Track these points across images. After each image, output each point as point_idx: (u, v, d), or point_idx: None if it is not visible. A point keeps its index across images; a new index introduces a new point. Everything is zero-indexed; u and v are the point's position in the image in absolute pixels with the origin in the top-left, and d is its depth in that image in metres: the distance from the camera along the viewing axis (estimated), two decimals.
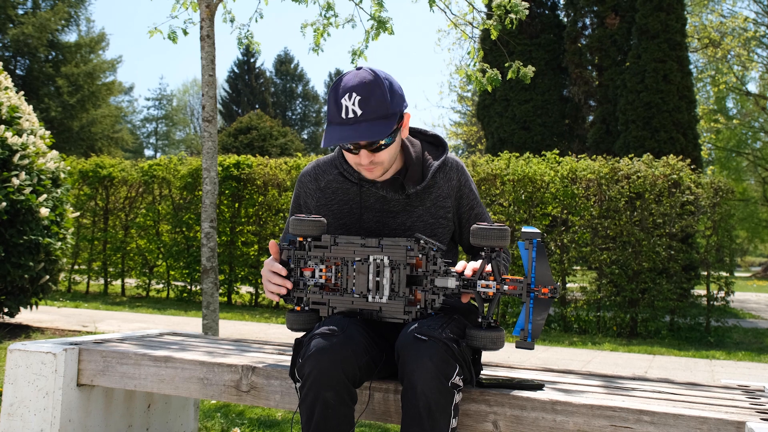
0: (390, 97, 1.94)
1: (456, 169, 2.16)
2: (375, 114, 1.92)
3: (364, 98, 1.91)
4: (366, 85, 1.92)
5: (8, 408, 2.45)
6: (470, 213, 2.18)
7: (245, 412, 3.71)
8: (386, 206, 2.12)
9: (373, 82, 1.93)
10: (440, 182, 2.13)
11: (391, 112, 1.93)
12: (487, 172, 8.64)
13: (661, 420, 1.74)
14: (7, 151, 5.87)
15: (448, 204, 2.14)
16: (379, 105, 1.92)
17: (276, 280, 2.02)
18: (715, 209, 8.15)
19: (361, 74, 1.95)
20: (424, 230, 2.11)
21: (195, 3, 5.24)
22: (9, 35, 30.21)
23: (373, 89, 1.92)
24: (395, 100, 1.96)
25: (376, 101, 1.92)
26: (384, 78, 1.96)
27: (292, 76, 53.89)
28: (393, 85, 1.98)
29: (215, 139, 4.56)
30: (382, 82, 1.94)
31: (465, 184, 2.17)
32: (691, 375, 5.67)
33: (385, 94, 1.93)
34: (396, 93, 1.97)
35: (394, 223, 2.12)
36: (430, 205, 2.12)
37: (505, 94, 17.30)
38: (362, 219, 2.14)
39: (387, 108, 1.93)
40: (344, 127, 1.93)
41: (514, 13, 4.91)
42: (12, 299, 6.19)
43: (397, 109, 1.96)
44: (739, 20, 21.88)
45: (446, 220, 2.14)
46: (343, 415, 1.79)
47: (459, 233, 2.22)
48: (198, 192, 10.35)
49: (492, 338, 1.82)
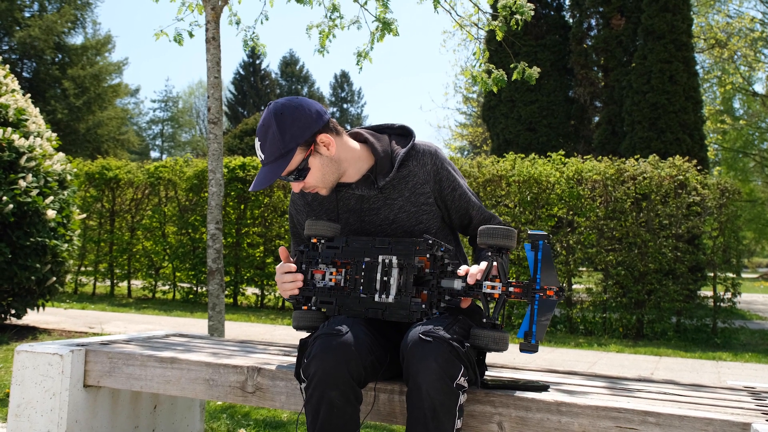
0: (281, 134, 1.99)
1: (428, 153, 2.16)
2: (272, 156, 2.01)
3: (262, 143, 2.03)
4: (262, 128, 2.03)
5: (15, 409, 2.46)
6: (453, 194, 2.17)
7: (251, 413, 3.71)
8: (365, 205, 2.15)
9: (267, 125, 2.02)
10: (414, 169, 2.13)
11: (285, 150, 2.00)
12: (492, 173, 8.63)
13: (667, 421, 1.74)
14: (14, 153, 5.90)
15: (427, 190, 2.13)
16: (272, 147, 2.00)
17: (289, 278, 2.07)
18: (722, 210, 8.12)
19: (263, 115, 2.05)
20: (408, 220, 2.12)
21: (200, 5, 5.26)
22: (16, 38, 30.34)
23: (267, 132, 2.02)
24: (289, 134, 2.00)
25: (269, 144, 2.01)
26: (279, 115, 2.01)
27: (297, 78, 53.95)
28: (287, 119, 2.01)
29: (221, 141, 4.57)
30: (272, 123, 2.00)
31: (441, 167, 2.15)
32: (697, 376, 5.65)
33: (275, 135, 2.00)
34: (292, 126, 2.01)
35: (378, 219, 2.14)
36: (409, 195, 2.12)
37: (510, 95, 17.29)
38: (348, 223, 2.17)
39: (280, 148, 1.99)
40: (260, 169, 2.06)
41: (519, 14, 4.90)
42: (19, 301, 6.22)
43: (292, 144, 2.00)
44: (745, 20, 21.81)
45: (428, 206, 2.14)
46: (348, 415, 1.79)
47: (448, 217, 2.22)
48: (204, 194, 10.38)
49: (495, 338, 1.81)
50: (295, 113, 2.02)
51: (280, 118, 2.01)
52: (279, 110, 2.02)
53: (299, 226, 2.29)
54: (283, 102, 2.04)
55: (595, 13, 16.73)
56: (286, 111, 2.02)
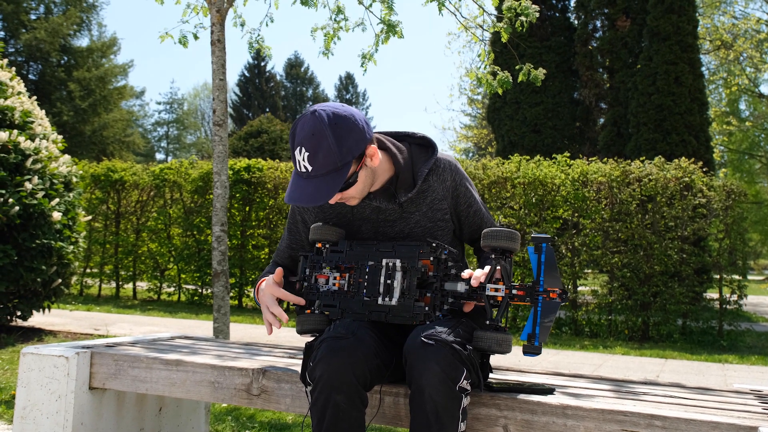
0: (338, 147, 1.86)
1: (449, 169, 2.12)
2: (324, 169, 1.87)
3: (311, 154, 1.86)
4: (312, 138, 1.86)
5: (21, 411, 2.47)
6: (469, 210, 2.16)
7: (256, 415, 3.71)
8: (381, 216, 2.11)
9: (320, 135, 1.85)
10: (434, 185, 2.10)
11: (341, 164, 1.87)
12: (497, 175, 8.62)
13: (673, 425, 1.73)
14: (20, 155, 5.91)
15: (445, 206, 2.11)
16: (326, 160, 1.86)
17: (275, 310, 2.05)
18: (728, 212, 8.09)
19: (310, 123, 1.87)
20: (422, 234, 2.10)
21: (206, 8, 5.27)
22: (22, 40, 30.46)
23: (320, 143, 1.85)
24: (346, 147, 1.87)
25: (323, 156, 1.86)
26: (333, 125, 1.87)
27: (302, 80, 54.04)
28: (343, 129, 1.87)
29: (226, 143, 4.58)
30: (328, 134, 1.85)
31: (460, 183, 2.13)
32: (703, 379, 5.63)
33: (332, 147, 1.85)
34: (347, 138, 1.88)
35: (392, 231, 2.11)
36: (426, 210, 2.10)
37: (515, 97, 17.28)
38: (360, 231, 2.14)
39: (336, 162, 1.86)
40: (300, 180, 1.91)
41: (524, 15, 4.90)
42: (25, 302, 6.24)
43: (348, 157, 1.87)
44: (751, 22, 21.75)
45: (444, 222, 2.12)
46: (353, 419, 1.79)
47: (459, 231, 2.21)
48: (209, 195, 10.39)
49: (497, 340, 1.81)
50: (348, 123, 1.89)
51: (336, 128, 1.86)
52: (333, 120, 1.87)
53: (303, 224, 2.23)
54: (333, 110, 1.89)
55: (600, 15, 16.70)
56: (340, 121, 1.88)
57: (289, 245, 2.29)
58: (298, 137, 1.89)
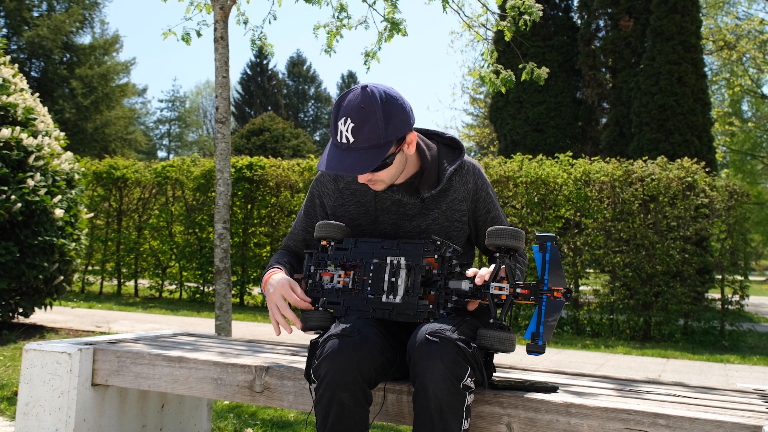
0: (385, 125, 1.88)
1: (473, 172, 2.14)
2: (366, 143, 1.88)
3: (357, 126, 1.87)
4: (361, 111, 1.87)
5: (24, 407, 2.47)
6: (487, 216, 2.17)
7: (258, 412, 3.71)
8: (402, 209, 2.12)
9: (369, 109, 1.87)
10: (456, 185, 2.12)
11: (384, 141, 1.89)
12: (499, 174, 8.62)
13: (677, 423, 1.73)
14: (23, 152, 5.92)
15: (464, 207, 2.12)
16: (371, 134, 1.88)
17: (287, 314, 2.02)
18: (730, 212, 8.09)
19: (362, 97, 1.90)
20: (438, 233, 2.11)
21: (209, 5, 5.27)
22: (24, 37, 30.47)
23: (368, 117, 1.87)
24: (392, 126, 1.90)
25: (368, 130, 1.87)
26: (384, 102, 1.89)
27: (304, 78, 54.05)
28: (393, 109, 1.91)
29: (228, 141, 4.58)
30: (378, 109, 1.88)
31: (482, 187, 2.15)
32: (705, 379, 5.63)
33: (378, 123, 1.88)
34: (395, 118, 1.91)
35: (410, 225, 2.12)
36: (446, 209, 2.11)
37: (518, 96, 17.26)
38: (378, 221, 2.14)
39: (379, 137, 1.88)
40: (337, 151, 1.92)
41: (527, 14, 4.89)
42: (27, 299, 6.24)
43: (392, 137, 1.90)
44: (754, 22, 21.71)
45: (461, 224, 2.13)
46: (358, 417, 1.79)
47: (475, 236, 2.21)
48: (211, 193, 10.39)
49: (501, 338, 1.81)
50: (398, 104, 1.92)
51: (386, 106, 1.89)
52: (384, 97, 1.90)
53: (321, 207, 2.23)
54: (384, 89, 1.93)
55: (603, 15, 16.68)
56: (391, 100, 1.91)
57: (305, 228, 2.28)
58: (345, 108, 1.90)
